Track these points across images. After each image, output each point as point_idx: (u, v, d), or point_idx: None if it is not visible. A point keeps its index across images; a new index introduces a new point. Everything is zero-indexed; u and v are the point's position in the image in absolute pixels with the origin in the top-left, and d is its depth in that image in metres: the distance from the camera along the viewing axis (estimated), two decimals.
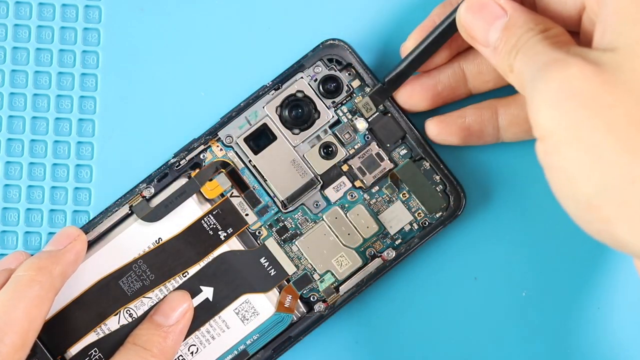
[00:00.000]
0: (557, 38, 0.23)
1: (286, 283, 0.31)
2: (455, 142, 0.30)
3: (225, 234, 0.30)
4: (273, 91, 0.30)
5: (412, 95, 0.29)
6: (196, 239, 0.30)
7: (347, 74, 0.30)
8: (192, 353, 0.30)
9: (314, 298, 0.31)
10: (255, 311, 0.30)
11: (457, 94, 0.30)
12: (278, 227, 0.31)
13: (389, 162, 0.30)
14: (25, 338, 0.26)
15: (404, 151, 0.31)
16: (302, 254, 0.31)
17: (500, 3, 0.24)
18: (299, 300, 0.30)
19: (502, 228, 0.32)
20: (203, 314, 0.30)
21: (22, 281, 0.26)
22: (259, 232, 0.31)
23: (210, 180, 0.30)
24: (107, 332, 0.30)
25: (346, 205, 0.31)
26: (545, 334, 0.32)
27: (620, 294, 0.32)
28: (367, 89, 0.30)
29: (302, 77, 0.30)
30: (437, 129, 0.30)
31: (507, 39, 0.24)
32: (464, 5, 0.25)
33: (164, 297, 0.30)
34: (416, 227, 0.31)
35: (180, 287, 0.30)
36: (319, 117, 0.30)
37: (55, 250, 0.28)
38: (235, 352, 0.30)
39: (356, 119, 0.30)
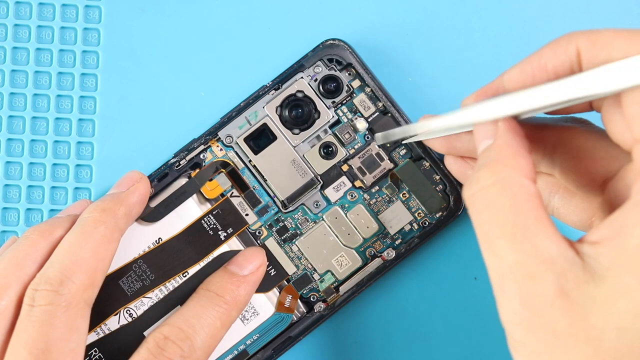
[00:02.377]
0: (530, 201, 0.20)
1: (286, 283, 0.31)
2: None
3: (225, 234, 0.30)
4: (273, 91, 0.30)
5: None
6: (196, 238, 0.30)
7: (347, 74, 0.30)
8: None
9: (314, 298, 0.31)
10: (255, 311, 0.30)
11: None
12: (278, 227, 0.31)
13: (389, 162, 0.30)
14: (93, 277, 0.26)
15: (404, 151, 0.31)
16: (302, 254, 0.31)
17: (496, 126, 0.22)
18: (299, 300, 0.30)
19: None
20: None
21: (88, 223, 0.27)
22: (259, 232, 0.31)
23: (211, 180, 0.30)
24: (107, 332, 0.30)
25: (346, 205, 0.31)
26: None
27: None
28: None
29: (302, 77, 0.30)
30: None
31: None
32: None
33: (239, 251, 0.30)
34: (416, 227, 0.31)
35: (180, 287, 0.30)
36: (319, 117, 0.30)
37: (119, 192, 0.29)
38: (235, 352, 0.30)
39: (356, 118, 0.30)
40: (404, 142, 0.30)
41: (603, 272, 0.18)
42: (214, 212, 0.30)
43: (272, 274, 0.30)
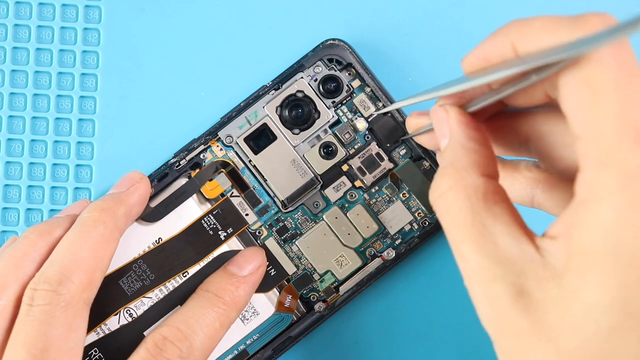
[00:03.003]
0: (488, 198, 0.20)
1: (286, 283, 0.31)
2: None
3: (225, 234, 0.30)
4: (273, 91, 0.30)
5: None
6: (196, 238, 0.30)
7: (347, 74, 0.30)
8: None
9: (314, 298, 0.31)
10: (255, 311, 0.30)
11: None
12: (278, 227, 0.31)
13: (388, 161, 0.30)
14: (92, 276, 0.26)
15: (404, 151, 0.31)
16: (302, 254, 0.31)
17: (448, 124, 0.22)
18: (298, 300, 0.30)
19: None
20: None
21: (87, 222, 0.27)
22: (259, 232, 0.31)
23: (211, 180, 0.30)
24: (107, 332, 0.30)
25: (346, 205, 0.31)
26: None
27: None
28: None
29: (302, 77, 0.30)
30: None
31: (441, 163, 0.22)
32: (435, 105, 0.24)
33: (239, 251, 0.30)
34: (416, 227, 0.31)
35: (180, 287, 0.30)
36: (319, 117, 0.30)
37: (118, 192, 0.29)
38: (235, 352, 0.30)
39: (356, 118, 0.30)
40: (402, 138, 0.30)
41: (561, 270, 0.18)
42: (214, 212, 0.30)
43: (272, 274, 0.30)
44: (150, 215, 0.30)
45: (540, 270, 0.19)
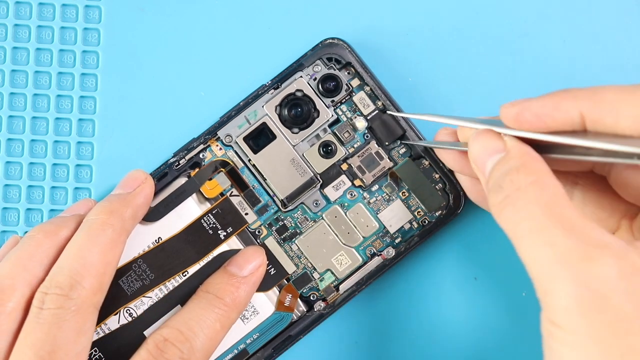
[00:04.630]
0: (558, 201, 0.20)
1: (286, 282, 0.31)
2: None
3: (225, 233, 0.30)
4: (272, 90, 0.30)
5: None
6: (196, 238, 0.30)
7: (346, 73, 0.30)
8: None
9: (313, 297, 0.31)
10: (255, 310, 0.30)
11: None
12: (278, 226, 0.31)
13: (388, 160, 0.30)
14: (101, 281, 0.26)
15: (403, 150, 0.31)
16: (302, 253, 0.31)
17: (503, 138, 0.22)
18: (298, 299, 0.30)
19: None
20: None
21: (95, 225, 0.27)
22: (259, 231, 0.31)
23: (210, 179, 0.30)
24: (107, 332, 0.30)
25: (346, 204, 0.31)
26: None
27: None
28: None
29: (301, 76, 0.30)
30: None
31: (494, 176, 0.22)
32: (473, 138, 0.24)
33: (239, 250, 0.30)
34: (416, 225, 0.31)
35: (180, 287, 0.30)
36: (318, 116, 0.30)
37: (125, 194, 0.29)
38: (236, 351, 0.30)
39: (355, 117, 0.30)
40: (402, 142, 0.30)
41: None
42: (213, 212, 0.30)
43: (272, 273, 0.30)
44: (150, 214, 0.30)
45: (637, 259, 0.18)
